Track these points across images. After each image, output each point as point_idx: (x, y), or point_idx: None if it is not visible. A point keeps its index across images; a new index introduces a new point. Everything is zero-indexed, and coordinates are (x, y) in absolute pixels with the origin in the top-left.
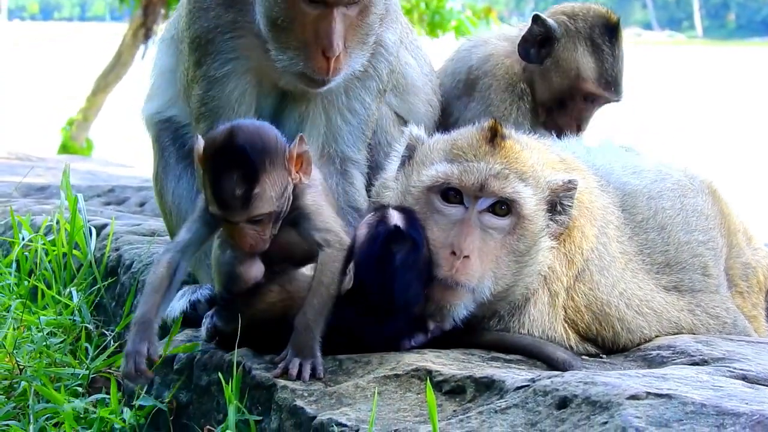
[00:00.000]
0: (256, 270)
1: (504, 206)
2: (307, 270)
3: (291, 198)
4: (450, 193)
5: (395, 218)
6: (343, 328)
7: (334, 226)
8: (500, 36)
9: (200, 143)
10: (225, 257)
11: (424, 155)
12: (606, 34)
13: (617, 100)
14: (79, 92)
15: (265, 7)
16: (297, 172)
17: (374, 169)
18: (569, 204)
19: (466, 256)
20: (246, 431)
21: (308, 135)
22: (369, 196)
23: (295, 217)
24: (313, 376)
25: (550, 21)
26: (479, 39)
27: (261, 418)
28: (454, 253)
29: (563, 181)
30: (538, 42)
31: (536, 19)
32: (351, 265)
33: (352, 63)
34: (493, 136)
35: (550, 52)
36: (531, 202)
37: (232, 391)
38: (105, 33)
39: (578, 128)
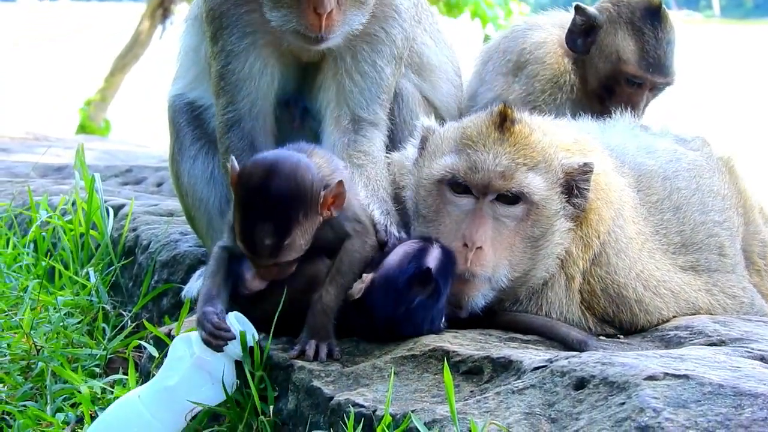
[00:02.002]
0: (258, 282)
1: (512, 195)
2: (322, 266)
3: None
4: (459, 185)
5: (432, 258)
6: (348, 328)
7: (362, 217)
8: (555, 22)
9: (235, 167)
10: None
11: (436, 146)
12: (648, 17)
13: (666, 83)
14: (97, 73)
15: None
16: (328, 209)
17: (398, 145)
18: (586, 187)
19: (479, 247)
20: (265, 409)
21: (322, 103)
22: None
23: None
24: (330, 357)
25: (591, 10)
26: (535, 22)
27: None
28: (466, 245)
29: (579, 164)
30: (583, 31)
31: (578, 9)
32: (366, 276)
33: (347, 21)
34: (503, 122)
35: (595, 40)
36: (541, 189)
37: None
38: (123, 13)
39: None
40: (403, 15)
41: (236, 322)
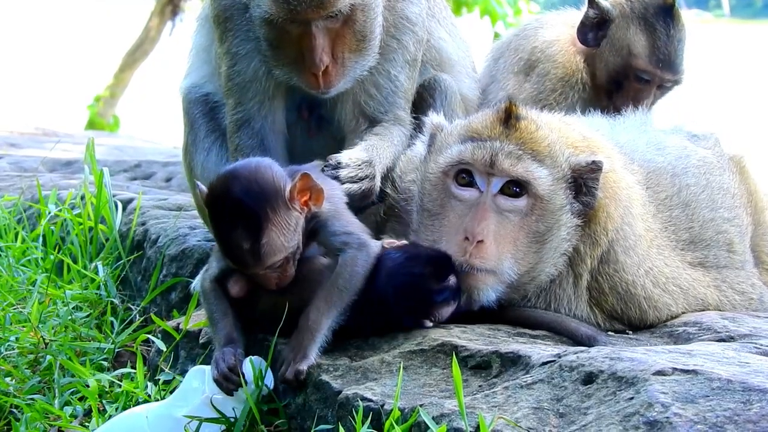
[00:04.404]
0: (238, 288)
1: (516, 187)
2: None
3: (303, 228)
4: (463, 175)
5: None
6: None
7: (353, 229)
8: (566, 21)
9: (202, 189)
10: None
11: (442, 141)
12: (661, 13)
13: (675, 81)
14: (106, 69)
15: (257, 27)
16: (304, 206)
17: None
18: (594, 186)
19: (480, 241)
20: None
21: (337, 115)
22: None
23: (312, 227)
24: (296, 378)
25: (604, 3)
26: (547, 21)
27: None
28: (467, 238)
29: (587, 162)
30: (595, 25)
31: (591, 2)
32: (401, 242)
33: (348, 72)
34: (508, 117)
35: (606, 34)
36: (546, 181)
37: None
38: (132, 9)
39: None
40: (414, 20)
41: (253, 368)
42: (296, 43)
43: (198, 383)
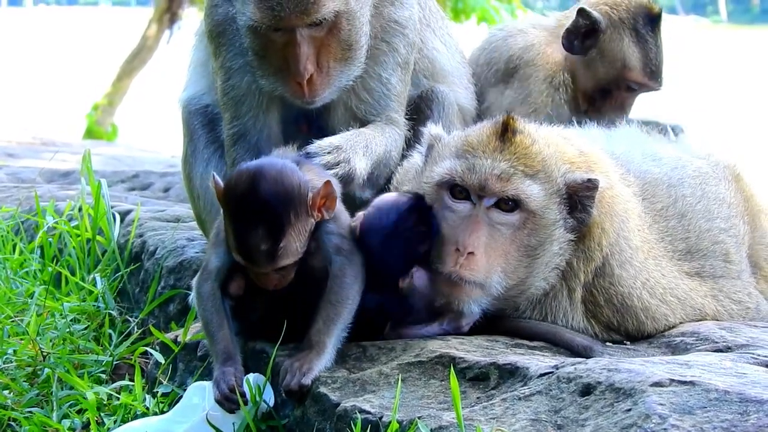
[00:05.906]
0: (236, 286)
1: (510, 202)
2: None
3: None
4: (457, 189)
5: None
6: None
7: (347, 233)
8: (536, 25)
9: (218, 181)
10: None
11: (439, 152)
12: (649, 24)
13: (658, 89)
14: (104, 77)
15: (244, 36)
16: (319, 211)
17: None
18: (589, 204)
19: (471, 253)
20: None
21: (331, 123)
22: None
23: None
24: (300, 390)
25: (595, 13)
26: (513, 28)
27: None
28: (458, 249)
29: (582, 179)
30: (583, 34)
31: (581, 11)
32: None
33: (333, 81)
34: (504, 131)
35: (595, 44)
36: (538, 197)
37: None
38: (130, 18)
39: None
40: (404, 24)
41: (250, 388)
42: (281, 51)
43: (198, 399)
